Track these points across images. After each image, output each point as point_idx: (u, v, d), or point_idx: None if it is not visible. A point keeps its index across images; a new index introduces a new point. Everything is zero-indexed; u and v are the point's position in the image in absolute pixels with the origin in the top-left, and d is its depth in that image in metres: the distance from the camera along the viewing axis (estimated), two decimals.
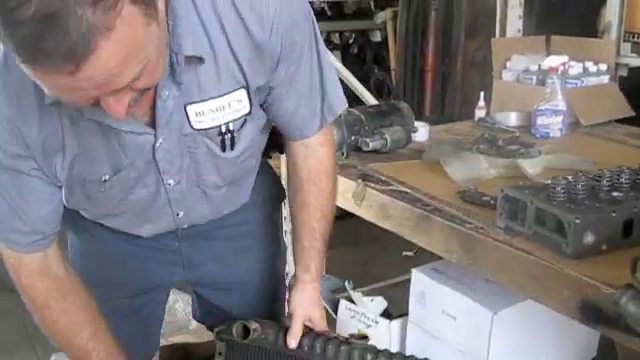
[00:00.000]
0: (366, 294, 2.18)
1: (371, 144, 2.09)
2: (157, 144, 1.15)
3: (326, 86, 1.28)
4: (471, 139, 2.21)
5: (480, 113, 2.60)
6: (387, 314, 2.14)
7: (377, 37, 5.05)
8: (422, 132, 2.28)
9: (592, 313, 1.34)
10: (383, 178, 1.90)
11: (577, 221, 1.36)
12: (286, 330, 1.37)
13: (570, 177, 1.48)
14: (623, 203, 1.44)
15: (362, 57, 5.24)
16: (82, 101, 0.93)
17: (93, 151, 1.14)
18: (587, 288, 1.34)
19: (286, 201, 1.56)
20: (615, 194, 1.47)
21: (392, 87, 4.63)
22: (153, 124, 1.13)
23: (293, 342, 1.37)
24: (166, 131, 1.14)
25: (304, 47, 1.19)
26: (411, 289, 1.96)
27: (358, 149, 2.11)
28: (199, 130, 1.16)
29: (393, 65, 4.61)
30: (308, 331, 1.38)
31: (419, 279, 1.93)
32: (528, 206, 1.46)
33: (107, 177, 1.18)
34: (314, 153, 1.35)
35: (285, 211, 1.71)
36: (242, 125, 1.21)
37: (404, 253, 3.20)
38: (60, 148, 1.13)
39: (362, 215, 1.91)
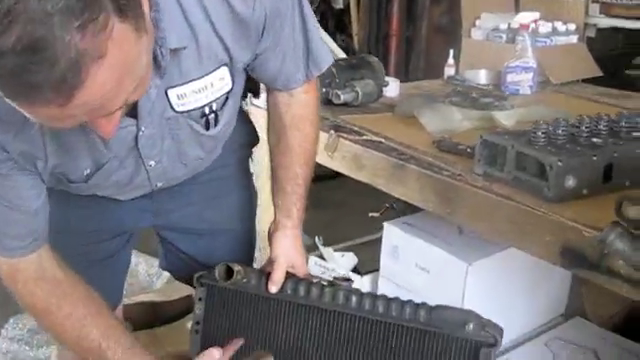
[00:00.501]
0: (336, 251, 2.15)
1: (342, 96, 2.04)
2: (140, 133, 1.11)
3: (311, 42, 1.25)
4: (443, 94, 2.18)
5: (449, 71, 2.58)
6: (356, 272, 2.11)
7: (339, 4, 4.99)
8: (393, 87, 2.24)
9: (574, 257, 1.32)
10: (356, 128, 1.86)
11: (559, 164, 1.34)
12: (268, 275, 1.33)
13: (550, 123, 1.46)
14: (603, 148, 1.42)
15: (324, 24, 5.18)
16: (71, 126, 0.86)
17: (74, 150, 1.09)
18: (568, 232, 1.31)
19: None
20: (594, 140, 1.46)
21: (356, 52, 4.58)
22: (134, 113, 1.07)
23: (274, 288, 1.33)
24: (148, 119, 1.10)
25: (287, 11, 1.16)
26: (383, 243, 1.93)
27: (329, 102, 2.06)
28: (182, 112, 1.13)
29: (356, 31, 4.55)
30: (290, 276, 1.34)
31: (391, 232, 1.90)
32: (508, 151, 1.44)
33: (89, 171, 1.15)
34: (298, 100, 1.32)
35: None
36: (224, 103, 1.19)
37: (370, 214, 3.17)
38: (42, 157, 1.07)
39: (335, 167, 1.87)
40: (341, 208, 3.35)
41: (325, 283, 1.34)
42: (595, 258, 1.27)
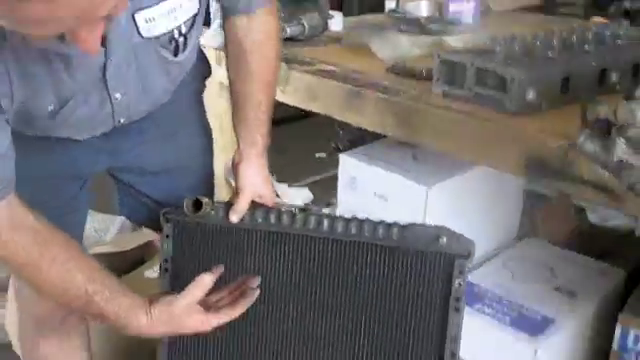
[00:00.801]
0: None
1: (289, 30, 2.00)
2: (108, 62, 1.06)
3: None
4: (389, 25, 2.16)
5: (390, 4, 2.55)
6: None
7: None
8: (337, 20, 2.21)
9: (538, 168, 1.33)
10: (307, 60, 1.83)
11: (520, 76, 1.35)
12: None
13: (506, 40, 1.47)
14: (559, 61, 1.45)
15: None
16: (50, 33, 0.81)
17: (38, 84, 1.03)
18: (532, 143, 1.33)
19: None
20: (550, 54, 1.48)
21: None
22: (102, 42, 1.00)
23: (235, 217, 1.31)
24: (117, 47, 1.05)
25: None
26: (339, 175, 1.92)
27: None
28: (150, 38, 1.08)
29: None
30: (259, 205, 1.32)
31: (348, 163, 1.89)
32: (468, 67, 1.44)
33: (53, 107, 1.09)
34: (258, 24, 1.29)
35: None
36: (192, 25, 1.15)
37: (317, 155, 3.16)
38: (9, 94, 1.00)
39: (287, 101, 1.84)
40: (287, 152, 3.32)
41: (295, 210, 1.33)
42: (559, 166, 1.29)
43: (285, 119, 2.75)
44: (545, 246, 2.07)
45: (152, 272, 2.07)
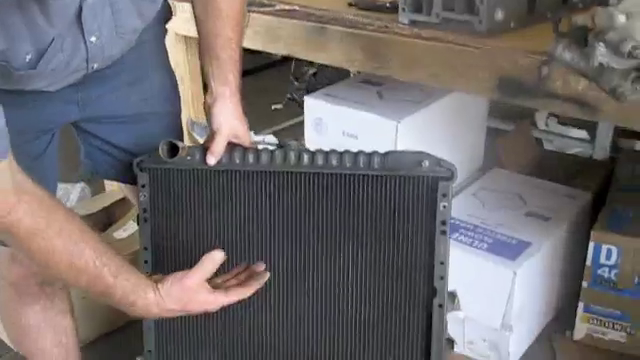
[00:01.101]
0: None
1: None
2: (84, 3, 1.02)
3: None
4: None
5: None
6: None
7: None
8: None
9: (511, 87, 1.34)
10: (265, 1, 1.79)
11: None
12: None
13: None
14: None
15: None
16: None
17: (15, 31, 0.98)
18: (504, 62, 1.33)
19: None
20: None
21: None
22: None
23: (212, 159, 1.28)
24: None
25: None
26: (305, 117, 1.90)
27: None
28: None
29: None
30: (236, 146, 1.29)
31: (314, 105, 1.87)
32: None
33: (30, 57, 1.04)
34: None
35: None
36: None
37: (273, 107, 3.13)
38: None
39: (248, 46, 1.80)
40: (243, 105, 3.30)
41: (272, 147, 1.31)
42: (533, 83, 1.30)
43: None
44: (511, 176, 2.10)
45: (122, 232, 2.03)
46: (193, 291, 1.12)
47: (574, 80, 1.24)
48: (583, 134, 2.80)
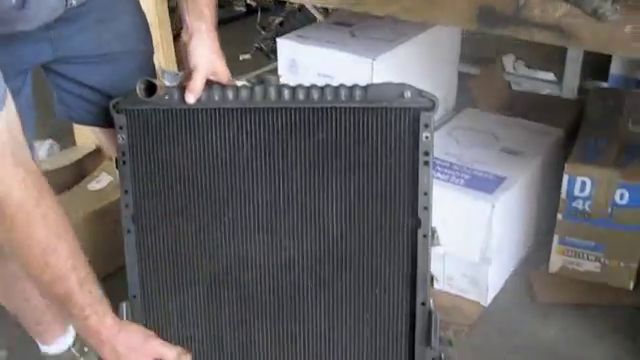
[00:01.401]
0: None
1: None
2: None
3: None
4: None
5: None
6: None
7: None
8: None
9: (489, 17, 1.34)
10: None
11: None
12: None
13: None
14: None
15: None
16: None
17: None
18: None
19: None
20: None
21: None
22: None
23: (191, 97, 1.25)
24: None
25: None
26: (279, 60, 1.88)
27: None
28: None
29: None
30: (215, 83, 1.27)
31: (287, 46, 1.86)
32: None
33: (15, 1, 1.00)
34: None
35: None
36: None
37: (241, 57, 3.10)
38: None
39: None
40: None
41: (251, 84, 1.29)
42: (511, 12, 1.30)
43: None
44: (483, 115, 2.12)
45: (95, 184, 2.00)
46: (146, 355, 1.17)
47: (552, 8, 1.25)
48: (550, 76, 2.82)
